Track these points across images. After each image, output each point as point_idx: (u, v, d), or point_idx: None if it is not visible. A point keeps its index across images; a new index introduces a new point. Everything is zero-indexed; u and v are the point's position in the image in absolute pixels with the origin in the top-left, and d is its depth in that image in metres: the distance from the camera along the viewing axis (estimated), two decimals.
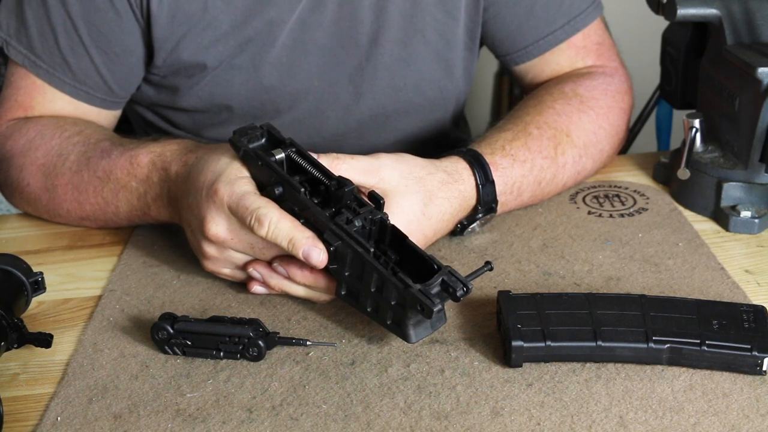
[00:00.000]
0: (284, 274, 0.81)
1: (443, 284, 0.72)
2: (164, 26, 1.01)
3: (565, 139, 0.99)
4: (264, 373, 0.76)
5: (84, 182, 0.96)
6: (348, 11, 1.06)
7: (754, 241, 0.95)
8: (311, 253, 0.77)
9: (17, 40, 1.03)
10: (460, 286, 0.72)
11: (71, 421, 0.71)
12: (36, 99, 1.04)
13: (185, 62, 1.04)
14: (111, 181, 0.94)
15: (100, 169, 0.94)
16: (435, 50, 1.11)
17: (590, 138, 1.02)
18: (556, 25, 1.10)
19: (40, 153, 0.99)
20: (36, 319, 0.85)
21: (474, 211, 0.92)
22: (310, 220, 0.78)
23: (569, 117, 1.01)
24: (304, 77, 1.08)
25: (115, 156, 0.94)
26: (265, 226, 0.77)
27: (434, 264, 0.74)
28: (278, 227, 0.77)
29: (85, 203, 0.97)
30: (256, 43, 1.04)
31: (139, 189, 0.92)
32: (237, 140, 0.81)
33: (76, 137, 0.99)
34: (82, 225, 1.01)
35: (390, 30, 1.08)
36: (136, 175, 0.92)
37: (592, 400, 0.71)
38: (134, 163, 0.92)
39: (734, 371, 0.73)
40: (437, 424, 0.69)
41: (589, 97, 1.05)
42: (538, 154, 0.97)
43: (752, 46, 0.98)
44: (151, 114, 1.17)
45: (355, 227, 0.76)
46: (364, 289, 0.76)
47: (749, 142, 0.95)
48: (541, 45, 1.11)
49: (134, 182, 0.92)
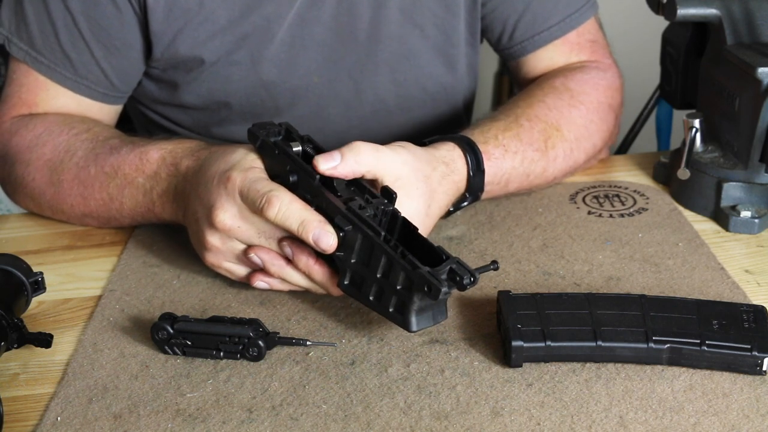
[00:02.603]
0: (289, 254, 0.80)
1: (451, 272, 0.72)
2: (161, 20, 1.02)
3: (555, 133, 1.00)
4: (264, 373, 0.76)
5: (90, 177, 0.96)
6: (346, 7, 1.06)
7: (754, 241, 0.95)
8: (321, 237, 0.76)
9: (18, 37, 1.03)
10: (468, 275, 0.71)
11: (71, 421, 0.71)
12: (39, 95, 1.05)
13: (183, 57, 1.05)
14: (118, 177, 0.94)
15: (108, 164, 0.94)
16: (435, 45, 1.11)
17: (581, 132, 1.03)
18: (551, 22, 1.11)
19: (48, 148, 0.99)
20: (36, 319, 0.85)
21: (461, 199, 0.93)
22: (322, 206, 0.78)
23: (560, 111, 1.02)
24: (303, 74, 1.09)
25: (124, 152, 0.94)
26: (275, 206, 0.76)
27: (443, 255, 0.74)
28: (289, 209, 0.77)
29: (90, 198, 0.97)
30: (254, 39, 1.05)
31: (145, 185, 0.92)
32: (256, 131, 0.82)
33: (85, 134, 0.99)
34: (84, 223, 1.00)
35: (389, 25, 1.08)
36: (144, 171, 0.92)
37: (592, 400, 0.71)
38: (144, 159, 0.92)
39: (734, 371, 0.73)
40: (437, 424, 0.69)
41: (579, 91, 1.05)
42: (529, 147, 0.97)
43: (752, 46, 0.98)
44: (152, 113, 1.17)
45: (367, 213, 0.77)
46: (370, 274, 0.75)
47: (749, 142, 0.95)
48: (536, 40, 1.12)
49: (141, 178, 0.92)
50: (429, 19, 1.09)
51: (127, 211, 0.96)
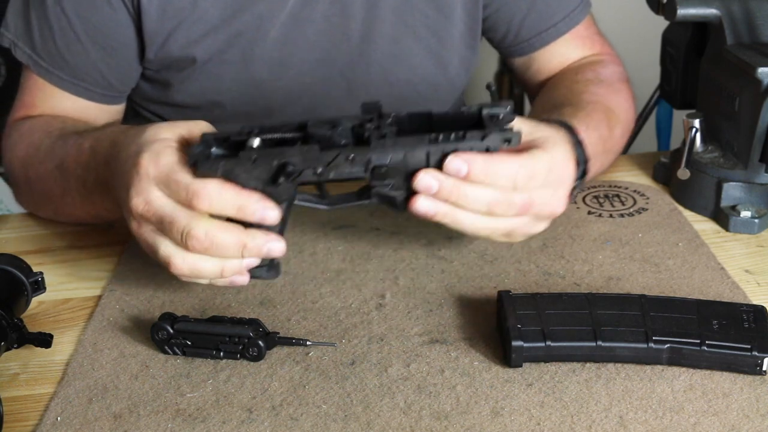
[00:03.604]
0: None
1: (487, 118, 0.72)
2: (154, 20, 1.02)
3: (612, 115, 1.00)
4: (264, 373, 0.76)
5: (48, 173, 0.95)
6: (339, 7, 1.06)
7: (754, 241, 0.95)
8: (267, 213, 0.71)
9: (23, 41, 1.04)
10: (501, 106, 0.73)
11: (71, 421, 0.71)
12: (38, 97, 1.05)
13: (176, 56, 1.05)
14: (64, 170, 0.91)
15: (57, 158, 0.93)
16: (427, 47, 1.12)
17: (629, 115, 1.05)
18: (557, 18, 1.12)
19: (23, 146, 1.00)
20: (36, 319, 0.85)
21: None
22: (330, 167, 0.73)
23: (606, 97, 1.02)
24: (295, 73, 1.09)
25: (70, 144, 0.92)
26: (205, 199, 0.70)
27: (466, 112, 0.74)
28: (221, 197, 0.71)
29: (51, 194, 0.96)
30: (246, 37, 1.05)
31: (82, 176, 0.89)
32: (206, 164, 0.72)
33: (57, 131, 0.98)
34: (60, 220, 1.00)
35: (382, 26, 1.08)
36: (80, 162, 0.89)
37: (592, 400, 0.71)
38: (80, 150, 0.89)
39: (734, 371, 0.73)
40: (437, 424, 0.69)
41: (612, 81, 1.07)
42: (601, 124, 0.96)
43: (752, 46, 0.98)
44: (145, 111, 1.17)
45: (343, 141, 0.73)
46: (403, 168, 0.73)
47: (749, 142, 0.95)
48: (543, 37, 1.13)
49: (79, 170, 0.89)
50: (420, 21, 1.10)
51: (79, 206, 0.93)
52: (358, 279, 0.89)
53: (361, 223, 0.99)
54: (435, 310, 0.83)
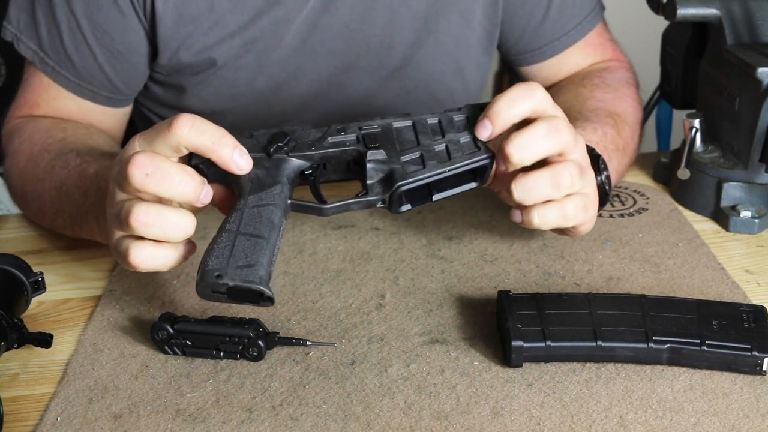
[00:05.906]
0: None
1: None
2: (170, 26, 1.01)
3: (619, 119, 1.00)
4: (264, 373, 0.76)
5: (45, 192, 0.94)
6: (359, 13, 1.05)
7: (754, 241, 0.95)
8: (243, 154, 0.71)
9: (27, 36, 1.03)
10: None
11: (71, 421, 0.71)
12: (41, 96, 1.05)
13: (190, 62, 1.04)
14: (62, 192, 0.91)
15: (57, 179, 0.92)
16: (447, 52, 1.11)
17: (636, 118, 1.05)
18: (569, 26, 1.12)
19: (22, 158, 0.99)
20: (36, 319, 0.85)
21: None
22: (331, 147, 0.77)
23: (612, 102, 1.03)
24: (312, 79, 1.08)
25: (72, 167, 0.91)
26: (186, 121, 0.69)
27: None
28: (204, 123, 0.70)
29: (45, 212, 0.95)
30: (262, 43, 1.04)
31: (79, 201, 0.88)
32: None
33: (57, 144, 0.96)
34: (57, 232, 0.99)
35: (402, 32, 1.08)
36: (80, 187, 0.88)
37: (592, 400, 0.71)
38: (83, 175, 0.89)
39: (734, 371, 0.73)
40: (437, 424, 0.69)
41: (619, 86, 1.07)
42: (606, 126, 0.96)
43: (752, 46, 0.98)
44: (155, 116, 1.17)
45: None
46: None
47: (749, 142, 0.95)
48: (555, 45, 1.13)
49: (77, 194, 0.88)
50: (443, 26, 1.09)
51: (69, 228, 0.92)
52: (358, 279, 0.89)
53: (361, 223, 0.99)
54: (435, 310, 0.83)
